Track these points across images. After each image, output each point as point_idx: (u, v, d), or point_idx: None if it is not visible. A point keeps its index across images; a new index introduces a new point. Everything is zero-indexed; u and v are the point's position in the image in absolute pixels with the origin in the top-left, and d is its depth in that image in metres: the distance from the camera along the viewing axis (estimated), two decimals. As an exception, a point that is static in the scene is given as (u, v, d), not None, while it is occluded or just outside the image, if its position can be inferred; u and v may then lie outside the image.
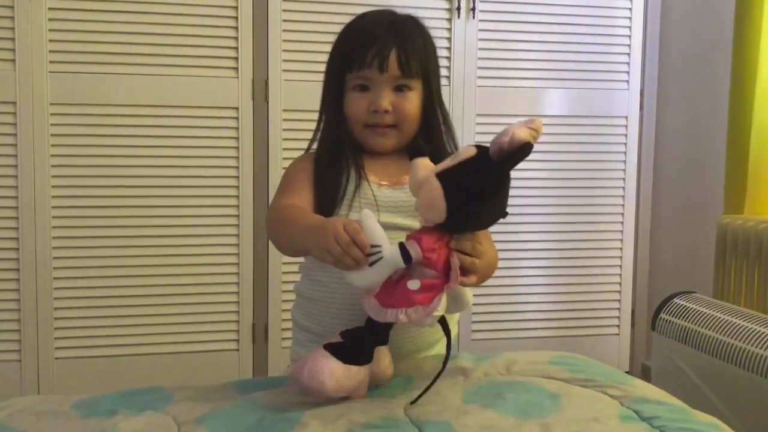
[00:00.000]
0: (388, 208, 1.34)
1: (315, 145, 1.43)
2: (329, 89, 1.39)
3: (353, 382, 1.14)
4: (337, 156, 1.36)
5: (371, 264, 1.08)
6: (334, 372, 1.12)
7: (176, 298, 2.50)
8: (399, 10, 1.42)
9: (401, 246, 1.11)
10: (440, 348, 1.41)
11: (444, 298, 1.10)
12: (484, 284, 1.23)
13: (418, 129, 1.40)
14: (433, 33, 2.52)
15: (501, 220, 1.14)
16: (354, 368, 1.14)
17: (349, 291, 1.23)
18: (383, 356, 1.19)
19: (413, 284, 1.09)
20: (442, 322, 1.18)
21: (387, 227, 1.13)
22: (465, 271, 1.14)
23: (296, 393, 1.18)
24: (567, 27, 2.73)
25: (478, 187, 1.10)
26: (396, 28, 1.35)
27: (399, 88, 1.35)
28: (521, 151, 1.06)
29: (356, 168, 1.36)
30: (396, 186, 1.36)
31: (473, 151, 1.11)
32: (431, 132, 1.40)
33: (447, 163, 1.13)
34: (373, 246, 1.08)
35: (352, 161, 1.36)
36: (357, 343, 1.17)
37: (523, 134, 1.07)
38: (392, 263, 1.09)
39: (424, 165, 1.16)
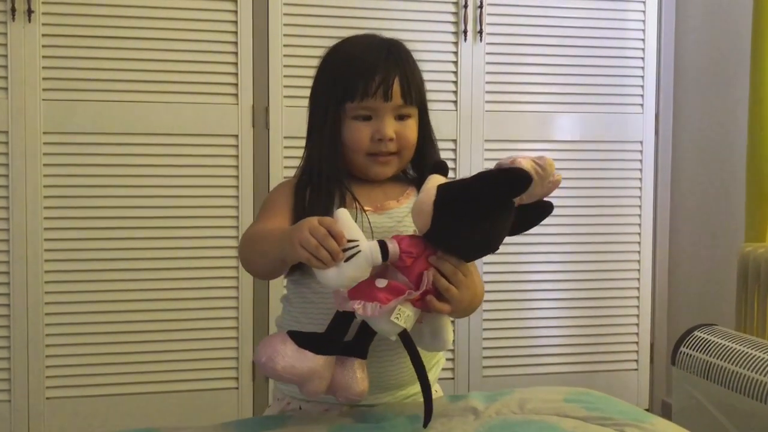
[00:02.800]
0: (373, 233, 1.32)
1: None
2: (322, 117, 1.37)
3: (304, 367, 1.14)
4: (330, 184, 1.34)
5: (348, 260, 1.09)
6: (286, 352, 1.14)
7: (173, 334, 2.43)
8: (400, 35, 1.43)
9: (380, 241, 1.13)
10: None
11: (407, 309, 1.12)
12: (493, 318, 1.19)
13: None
14: (439, 57, 2.54)
15: (492, 256, 1.18)
16: (308, 353, 1.14)
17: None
18: (358, 368, 1.18)
19: (381, 282, 1.12)
20: (408, 346, 1.17)
21: None
22: (440, 296, 1.16)
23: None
24: (578, 49, 2.67)
25: (466, 204, 1.12)
26: (394, 55, 1.36)
27: (400, 117, 1.36)
28: (516, 177, 1.08)
29: (342, 194, 1.34)
30: (380, 211, 1.35)
31: (478, 174, 1.14)
32: (424, 157, 1.40)
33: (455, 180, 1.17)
34: (349, 240, 1.09)
35: (343, 188, 1.35)
36: (318, 335, 1.18)
37: (525, 164, 1.10)
38: (370, 258, 1.11)
39: (437, 178, 1.21)
